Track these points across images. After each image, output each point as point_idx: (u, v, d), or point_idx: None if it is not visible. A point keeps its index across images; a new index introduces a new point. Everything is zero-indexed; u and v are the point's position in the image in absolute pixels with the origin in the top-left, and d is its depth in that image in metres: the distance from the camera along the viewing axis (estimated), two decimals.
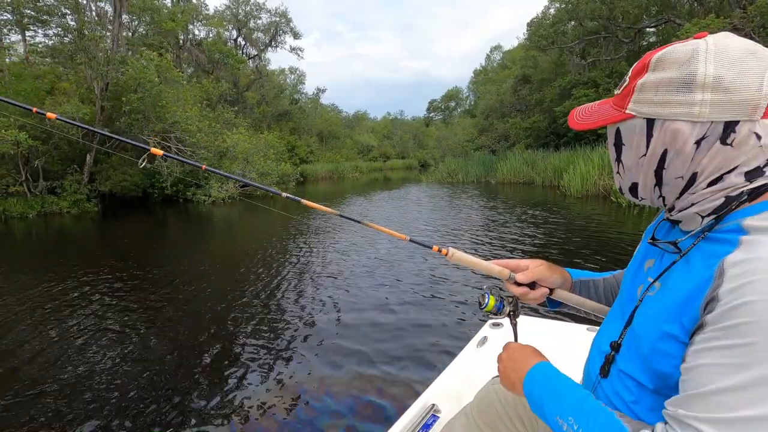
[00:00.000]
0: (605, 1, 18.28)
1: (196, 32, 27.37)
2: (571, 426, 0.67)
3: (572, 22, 20.75)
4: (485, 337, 1.91)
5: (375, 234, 8.29)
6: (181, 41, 25.19)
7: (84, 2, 16.25)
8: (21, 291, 5.42)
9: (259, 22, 32.47)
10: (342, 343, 3.60)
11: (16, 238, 10.73)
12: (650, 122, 0.64)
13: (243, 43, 32.87)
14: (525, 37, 25.01)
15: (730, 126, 0.58)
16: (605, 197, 12.43)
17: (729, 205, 0.62)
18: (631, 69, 0.67)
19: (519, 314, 1.02)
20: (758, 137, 0.58)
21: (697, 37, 0.62)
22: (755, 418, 0.50)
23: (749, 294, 0.52)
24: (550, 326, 2.04)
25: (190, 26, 25.77)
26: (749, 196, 0.61)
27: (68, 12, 15.93)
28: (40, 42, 17.60)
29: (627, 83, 0.67)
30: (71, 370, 3.29)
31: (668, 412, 0.58)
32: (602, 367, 0.78)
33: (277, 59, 63.52)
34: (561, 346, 1.54)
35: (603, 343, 0.81)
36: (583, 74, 20.63)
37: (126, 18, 17.89)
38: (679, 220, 0.70)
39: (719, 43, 0.59)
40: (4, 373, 3.29)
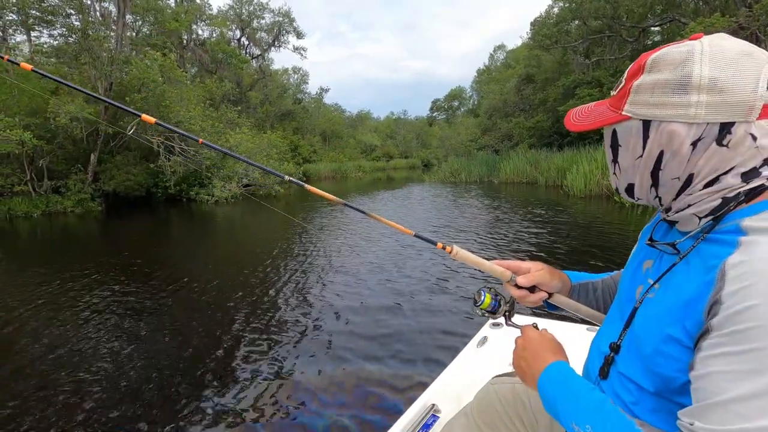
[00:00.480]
0: (609, 0, 18.16)
1: (200, 32, 27.51)
2: None
3: (576, 21, 20.62)
4: (485, 337, 1.91)
5: (378, 232, 8.30)
6: (185, 41, 25.28)
7: (88, 2, 16.35)
8: (26, 289, 5.45)
9: (263, 22, 32.56)
10: (342, 343, 3.60)
11: (21, 237, 10.81)
12: (646, 124, 0.64)
13: (246, 43, 32.96)
14: (528, 37, 24.96)
15: (726, 127, 0.58)
16: (608, 197, 12.37)
17: (726, 206, 0.61)
18: (627, 70, 0.67)
19: (513, 315, 1.01)
20: (754, 138, 0.58)
21: (693, 39, 0.62)
22: None
23: (752, 297, 0.52)
24: (549, 326, 2.03)
25: (194, 26, 25.85)
26: (746, 197, 0.61)
27: (73, 12, 16.00)
28: (45, 42, 17.73)
29: (623, 85, 0.68)
30: (75, 368, 3.31)
31: (684, 424, 0.57)
32: (601, 369, 0.78)
33: (281, 59, 63.41)
34: None
35: (602, 344, 0.81)
36: (587, 74, 20.51)
37: (130, 18, 17.96)
38: (676, 221, 0.70)
39: (714, 45, 0.59)
40: (10, 371, 3.32)
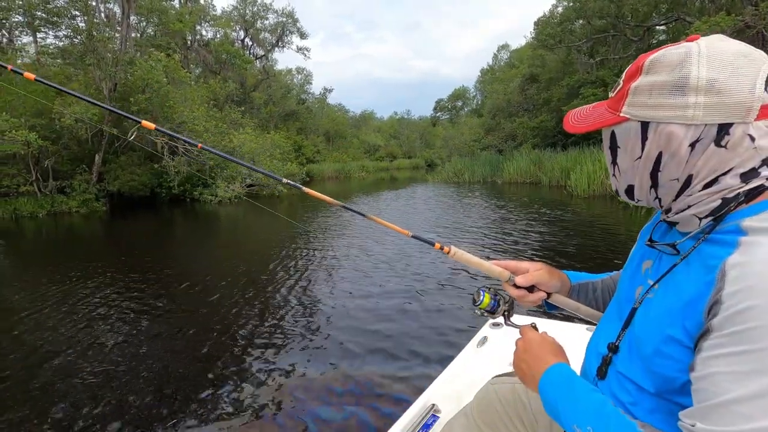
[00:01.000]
0: None
1: (204, 33, 27.65)
2: None
3: (580, 21, 20.54)
4: (485, 337, 1.91)
5: (378, 233, 8.32)
6: (189, 42, 25.40)
7: (93, 4, 16.45)
8: (31, 288, 5.50)
9: (266, 23, 32.67)
10: (342, 343, 3.61)
11: (27, 237, 10.90)
12: (644, 125, 0.64)
13: (250, 44, 33.08)
14: (532, 36, 24.87)
15: (724, 128, 0.58)
16: (612, 197, 12.30)
17: (726, 207, 0.61)
18: (625, 72, 0.67)
19: (512, 314, 1.01)
20: (752, 139, 0.58)
21: (690, 40, 0.62)
22: None
23: (753, 297, 0.51)
24: (549, 326, 2.03)
25: (198, 27, 25.98)
26: (746, 197, 0.61)
27: (78, 14, 16.12)
28: (51, 43, 17.89)
29: (621, 86, 0.67)
30: (78, 367, 3.33)
31: (685, 425, 0.57)
32: (599, 369, 0.78)
33: (284, 59, 64.08)
34: None
35: (600, 345, 0.80)
36: (591, 73, 20.43)
37: (134, 19, 18.08)
38: (677, 222, 0.70)
39: (712, 46, 0.59)
40: (16, 370, 3.35)
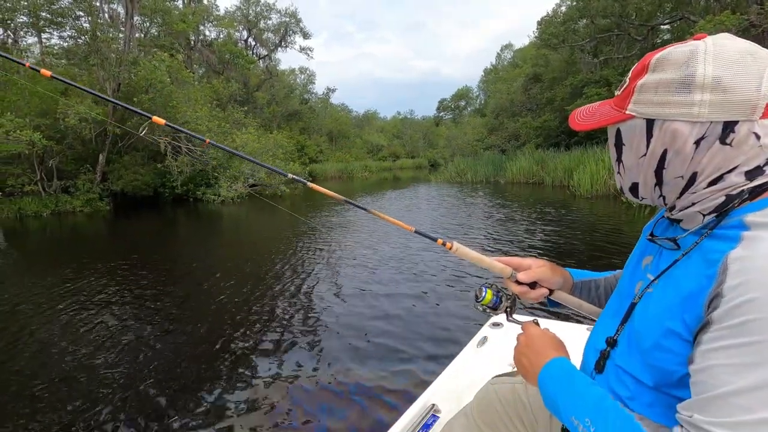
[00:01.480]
0: None
1: (207, 33, 27.70)
2: (588, 427, 0.66)
3: (584, 20, 20.44)
4: (485, 337, 1.90)
5: (382, 230, 8.32)
6: (192, 42, 25.46)
7: (97, 4, 16.52)
8: (35, 287, 5.53)
9: (269, 23, 32.75)
10: (343, 342, 3.60)
11: (31, 236, 10.96)
12: (650, 123, 0.64)
13: (253, 44, 33.15)
14: (536, 36, 24.78)
15: (729, 126, 0.58)
16: (615, 197, 12.27)
17: (730, 204, 0.62)
18: (631, 70, 0.68)
19: (515, 311, 1.01)
20: (757, 137, 0.58)
21: (696, 38, 0.62)
22: None
23: (753, 290, 0.52)
24: (550, 325, 2.03)
25: (201, 27, 26.04)
26: (750, 194, 0.61)
27: (82, 14, 16.19)
28: (56, 44, 17.97)
29: (627, 84, 0.68)
30: (82, 365, 3.35)
31: (683, 417, 0.57)
32: (597, 362, 0.78)
33: (287, 59, 64.09)
34: None
35: (598, 339, 0.81)
36: (595, 72, 20.34)
37: (138, 19, 18.11)
38: (680, 219, 0.70)
39: (718, 44, 0.59)
40: (18, 368, 3.37)
